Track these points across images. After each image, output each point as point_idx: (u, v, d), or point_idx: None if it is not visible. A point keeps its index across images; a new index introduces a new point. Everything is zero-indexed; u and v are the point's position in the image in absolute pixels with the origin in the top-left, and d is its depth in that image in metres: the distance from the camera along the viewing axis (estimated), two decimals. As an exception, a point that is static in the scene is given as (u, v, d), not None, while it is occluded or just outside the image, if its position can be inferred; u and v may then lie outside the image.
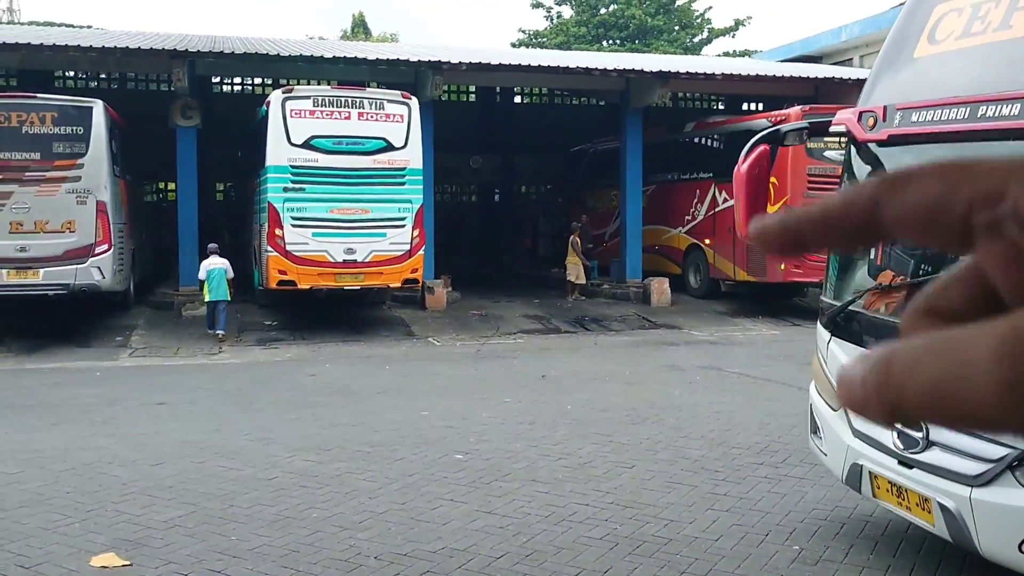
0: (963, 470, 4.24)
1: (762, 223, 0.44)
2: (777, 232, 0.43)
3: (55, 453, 7.42)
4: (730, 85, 20.87)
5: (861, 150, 5.19)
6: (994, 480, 4.13)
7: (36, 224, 13.54)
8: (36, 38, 16.92)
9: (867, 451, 4.83)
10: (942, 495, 4.31)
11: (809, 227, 0.42)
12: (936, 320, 0.42)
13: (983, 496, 4.15)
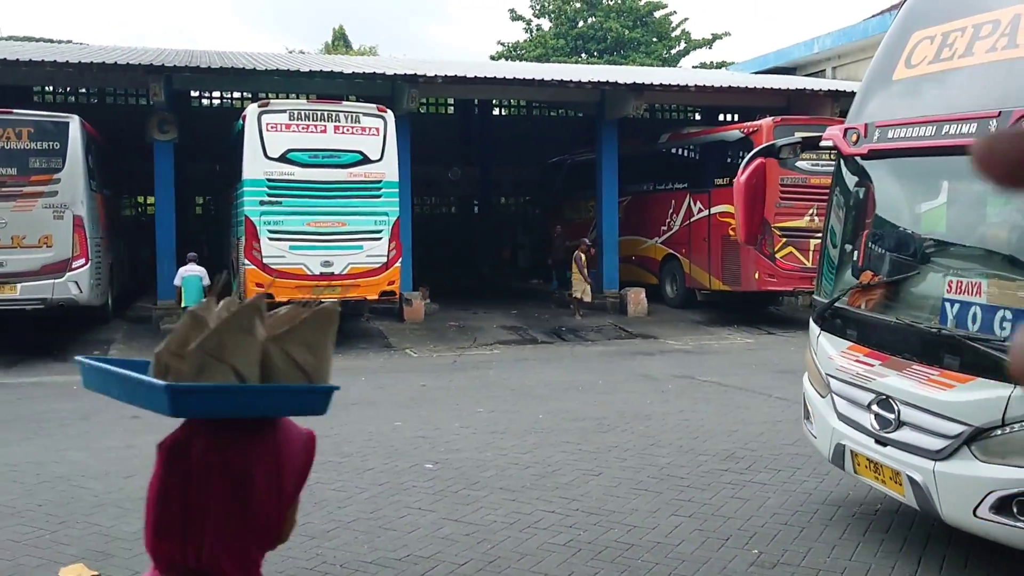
0: (927, 446, 4.77)
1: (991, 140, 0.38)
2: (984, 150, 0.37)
3: (29, 466, 7.47)
4: (704, 96, 21.12)
5: (847, 163, 5.79)
6: (953, 454, 4.63)
7: (13, 239, 13.56)
8: (12, 53, 16.94)
9: (849, 432, 5.39)
10: (911, 469, 4.85)
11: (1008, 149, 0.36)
12: None
13: (944, 468, 4.67)
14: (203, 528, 1.40)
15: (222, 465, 1.42)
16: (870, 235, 5.84)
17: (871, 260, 5.75)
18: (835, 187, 6.05)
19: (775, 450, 7.88)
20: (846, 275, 5.91)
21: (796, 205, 16.01)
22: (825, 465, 7.28)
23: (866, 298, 5.60)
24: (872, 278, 5.62)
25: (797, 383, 10.98)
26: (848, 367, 5.48)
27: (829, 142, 5.79)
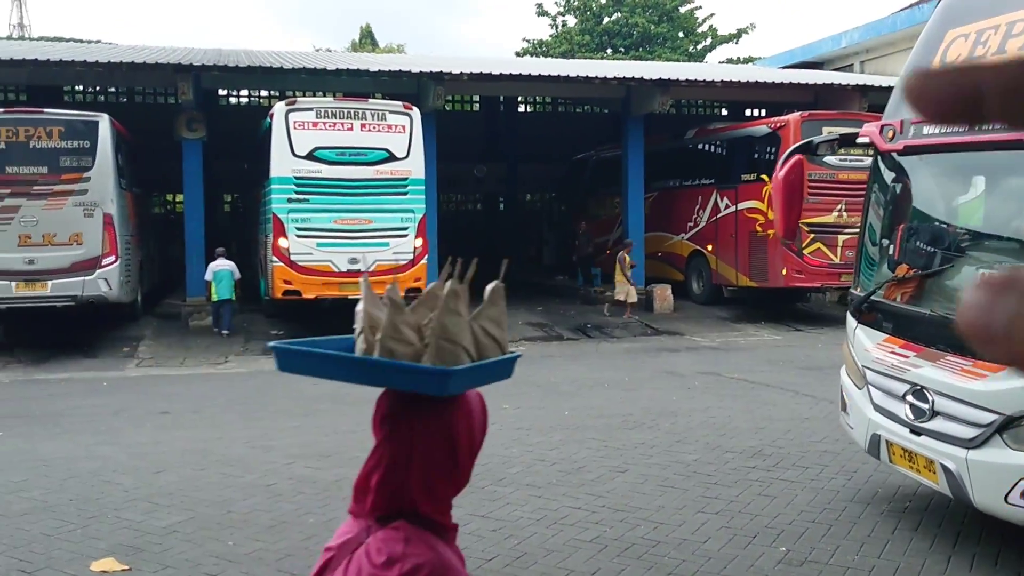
0: (960, 434, 4.92)
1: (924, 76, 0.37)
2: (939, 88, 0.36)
3: (60, 462, 7.56)
4: (730, 92, 20.99)
5: (884, 158, 5.90)
6: (985, 443, 4.79)
7: (44, 237, 13.72)
8: (43, 53, 17.14)
9: (885, 423, 5.53)
10: (944, 457, 5.00)
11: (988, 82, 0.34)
12: None
13: (976, 456, 4.81)
14: (406, 479, 1.74)
15: (442, 428, 1.74)
16: (906, 229, 5.88)
17: (907, 254, 5.84)
18: (872, 183, 6.15)
19: (803, 447, 7.83)
20: (883, 269, 6.01)
21: (824, 201, 15.88)
22: (853, 462, 7.24)
23: (902, 291, 5.69)
24: (908, 272, 5.70)
25: (825, 380, 10.95)
26: (884, 359, 5.55)
27: (865, 138, 5.90)
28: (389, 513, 1.79)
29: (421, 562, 1.73)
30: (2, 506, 6.32)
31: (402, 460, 1.75)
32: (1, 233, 13.56)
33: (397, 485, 1.76)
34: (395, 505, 1.77)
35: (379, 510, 1.79)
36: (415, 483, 1.76)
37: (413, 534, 1.76)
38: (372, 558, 1.76)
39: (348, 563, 1.80)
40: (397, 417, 1.77)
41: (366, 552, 1.78)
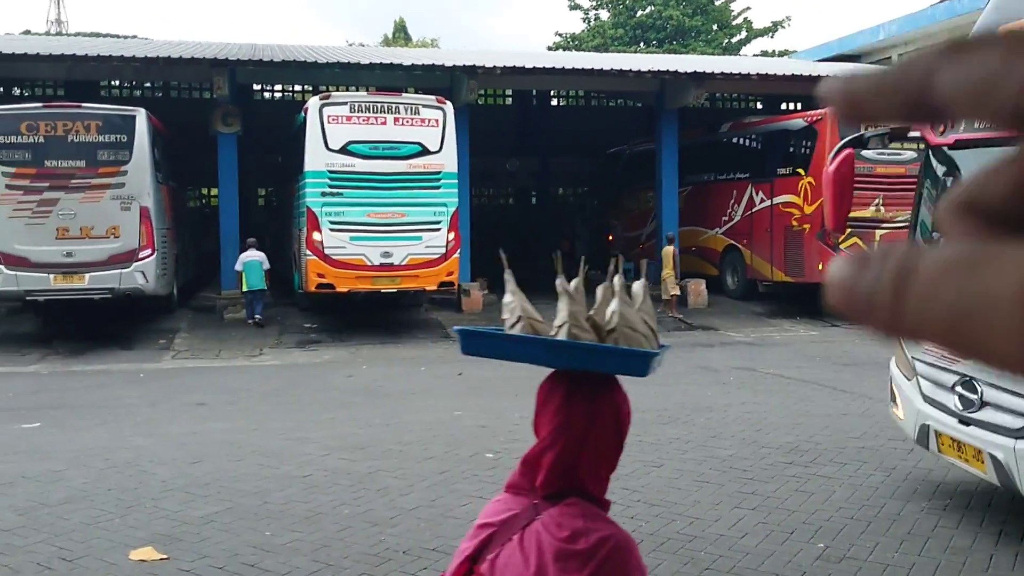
0: (1008, 424, 5.02)
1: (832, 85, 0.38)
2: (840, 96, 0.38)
3: (98, 452, 7.64)
4: (766, 85, 20.79)
5: (935, 153, 5.97)
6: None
7: (82, 230, 13.89)
8: (81, 49, 17.35)
9: (934, 413, 5.65)
10: (992, 447, 5.09)
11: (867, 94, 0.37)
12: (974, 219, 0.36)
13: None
14: (578, 458, 1.86)
15: (613, 411, 1.88)
16: None
17: None
18: (923, 177, 6.19)
19: (840, 443, 7.74)
20: None
21: (861, 195, 15.67)
22: (892, 459, 7.15)
23: None
24: None
25: (862, 376, 10.83)
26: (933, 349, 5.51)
27: (916, 133, 5.98)
28: (557, 492, 1.89)
29: (605, 536, 1.83)
30: (43, 495, 6.40)
31: (577, 442, 1.86)
32: (39, 226, 13.74)
33: (569, 465, 1.87)
34: (564, 484, 1.88)
35: (548, 488, 1.89)
36: (586, 463, 1.87)
37: (588, 510, 1.87)
38: (554, 533, 1.85)
39: (521, 538, 1.89)
40: (576, 401, 1.88)
41: (544, 528, 1.87)
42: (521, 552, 1.89)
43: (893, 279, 0.33)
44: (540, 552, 1.86)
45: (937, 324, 0.31)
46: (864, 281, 0.34)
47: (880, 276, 0.33)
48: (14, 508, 6.10)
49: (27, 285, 13.77)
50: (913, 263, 0.33)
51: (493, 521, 1.97)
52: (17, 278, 13.69)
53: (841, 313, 0.35)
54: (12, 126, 13.76)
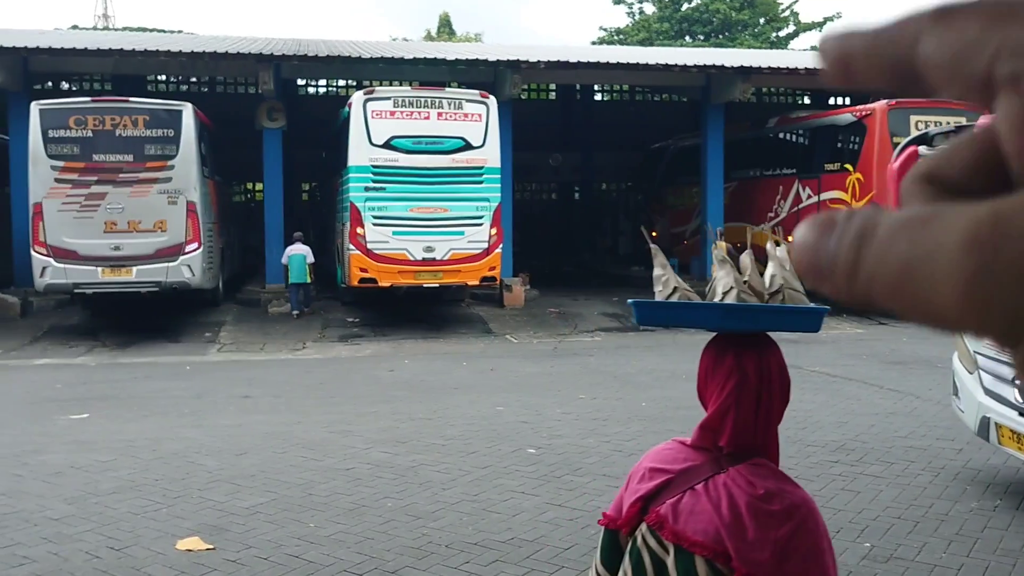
0: None
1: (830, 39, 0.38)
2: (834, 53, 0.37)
3: (145, 443, 7.73)
4: (815, 80, 20.45)
5: None
6: None
7: (129, 224, 14.08)
8: (128, 44, 17.58)
9: (994, 406, 5.78)
10: None
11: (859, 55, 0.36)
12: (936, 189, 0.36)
13: None
14: (755, 415, 1.97)
15: (781, 365, 2.01)
16: None
17: None
18: None
19: (887, 442, 7.61)
20: None
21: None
22: (940, 458, 7.01)
23: None
24: None
25: (909, 375, 10.65)
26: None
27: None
28: (737, 451, 1.99)
29: (798, 501, 1.92)
30: (92, 485, 6.49)
31: (752, 399, 1.97)
32: (88, 220, 13.95)
33: (750, 423, 1.98)
34: (746, 442, 1.98)
35: (732, 448, 1.99)
36: (761, 419, 1.98)
37: (776, 472, 1.97)
38: (746, 489, 1.95)
39: (707, 489, 1.99)
40: (747, 361, 2.00)
41: (733, 482, 1.97)
42: (709, 501, 1.96)
43: (853, 239, 0.33)
44: (733, 504, 1.93)
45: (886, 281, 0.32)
46: (828, 242, 0.34)
47: (842, 237, 0.33)
48: (64, 498, 6.20)
49: (76, 278, 13.99)
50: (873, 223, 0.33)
51: (670, 468, 2.06)
52: (66, 271, 13.92)
53: (805, 275, 0.35)
54: (61, 120, 13.98)
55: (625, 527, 2.09)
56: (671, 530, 1.99)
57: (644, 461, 2.13)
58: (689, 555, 1.96)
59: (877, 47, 0.35)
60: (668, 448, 2.12)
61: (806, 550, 1.91)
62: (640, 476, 2.10)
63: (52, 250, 13.87)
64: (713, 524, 1.94)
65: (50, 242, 13.86)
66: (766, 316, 2.14)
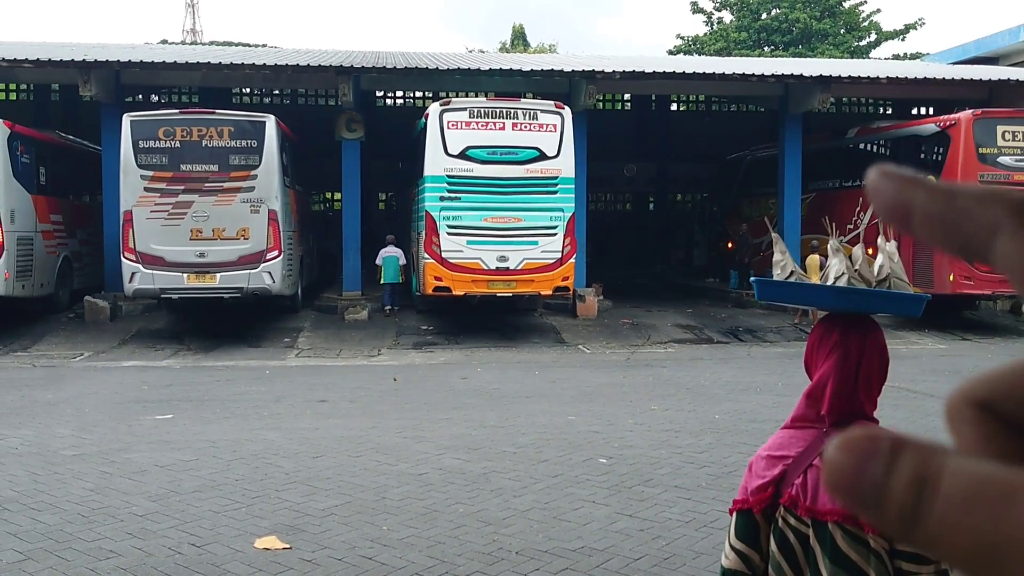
0: None
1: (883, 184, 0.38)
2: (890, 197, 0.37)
3: (226, 444, 7.96)
4: (896, 89, 20.08)
5: None
6: None
7: (214, 231, 14.47)
8: (215, 57, 18.10)
9: None
10: None
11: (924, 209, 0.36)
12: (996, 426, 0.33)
13: None
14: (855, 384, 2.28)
15: (881, 345, 2.32)
16: None
17: None
18: None
19: None
20: None
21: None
22: None
23: None
24: None
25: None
26: None
27: None
28: (841, 418, 2.28)
29: None
30: (175, 483, 6.71)
31: (852, 370, 2.27)
32: (175, 227, 14.39)
33: (850, 391, 2.27)
34: (846, 407, 2.28)
35: (833, 414, 2.28)
36: (862, 388, 2.28)
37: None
38: None
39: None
40: (851, 337, 2.29)
41: None
42: None
43: (910, 483, 0.30)
44: None
45: (963, 549, 0.29)
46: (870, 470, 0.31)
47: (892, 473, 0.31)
48: (148, 495, 6.41)
49: (163, 284, 14.44)
50: (933, 472, 0.30)
51: (788, 454, 2.37)
52: (154, 277, 14.38)
53: (839, 496, 0.32)
54: (151, 132, 14.45)
55: (757, 506, 2.40)
56: (804, 507, 2.30)
57: (761, 452, 2.44)
58: (824, 524, 2.27)
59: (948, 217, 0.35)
60: (779, 437, 2.41)
61: None
62: (762, 464, 2.41)
63: (141, 256, 14.34)
64: None
65: (139, 249, 14.33)
66: (874, 299, 2.41)
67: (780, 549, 2.36)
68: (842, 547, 2.26)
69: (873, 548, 2.25)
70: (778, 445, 2.42)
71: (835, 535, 2.26)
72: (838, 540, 2.26)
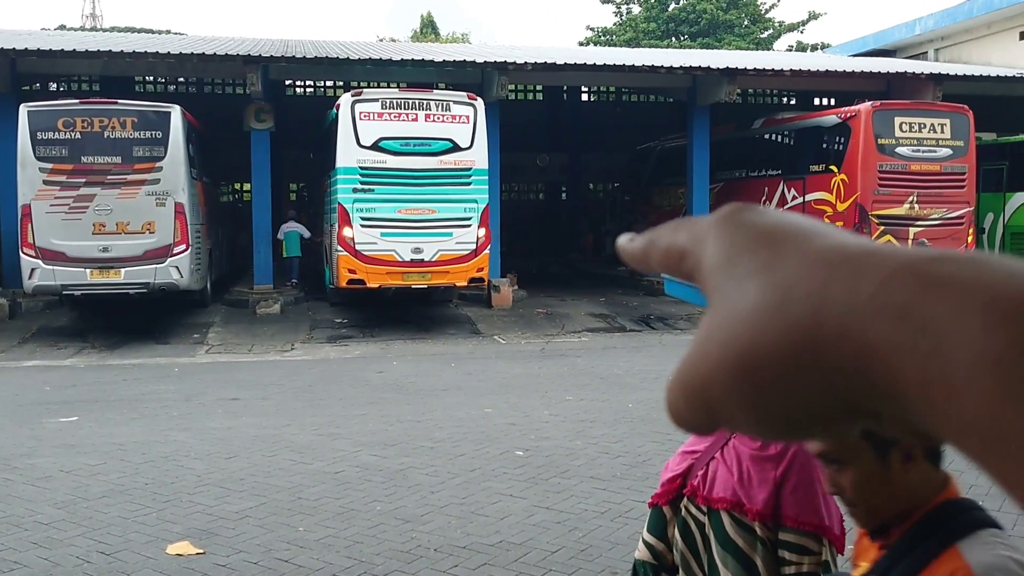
0: None
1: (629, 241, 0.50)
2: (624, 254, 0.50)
3: (134, 446, 7.76)
4: (799, 81, 20.63)
5: None
6: None
7: (118, 225, 14.06)
8: (117, 45, 17.55)
9: None
10: None
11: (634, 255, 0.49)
12: None
13: None
14: None
15: None
16: None
17: None
18: None
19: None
20: None
21: (895, 192, 15.58)
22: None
23: None
24: None
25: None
26: None
27: None
28: None
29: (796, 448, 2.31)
30: (81, 489, 6.52)
31: None
32: (76, 221, 13.93)
33: None
34: None
35: None
36: None
37: None
38: (748, 444, 2.40)
39: (723, 455, 2.44)
40: None
41: (739, 442, 2.43)
42: (724, 465, 2.43)
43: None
44: (739, 461, 2.41)
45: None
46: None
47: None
48: (53, 502, 6.23)
49: (64, 280, 13.97)
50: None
51: (697, 448, 2.54)
52: (55, 272, 13.90)
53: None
54: (49, 122, 13.95)
55: (663, 497, 2.58)
56: (702, 496, 2.46)
57: (678, 449, 2.65)
58: (717, 512, 2.43)
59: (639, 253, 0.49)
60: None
61: (798, 482, 2.36)
62: (676, 460, 2.62)
63: (41, 252, 13.85)
64: (729, 482, 2.42)
65: (39, 244, 13.84)
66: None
67: (683, 537, 2.54)
68: (730, 533, 2.42)
69: (759, 535, 2.40)
70: (692, 441, 2.58)
71: (725, 522, 2.43)
72: (727, 527, 2.42)
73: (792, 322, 0.36)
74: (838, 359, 0.35)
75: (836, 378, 0.35)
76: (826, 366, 0.35)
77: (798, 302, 0.36)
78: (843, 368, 0.35)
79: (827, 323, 0.35)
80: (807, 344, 0.36)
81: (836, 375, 0.35)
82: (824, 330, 0.35)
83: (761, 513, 2.38)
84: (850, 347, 0.34)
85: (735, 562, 2.41)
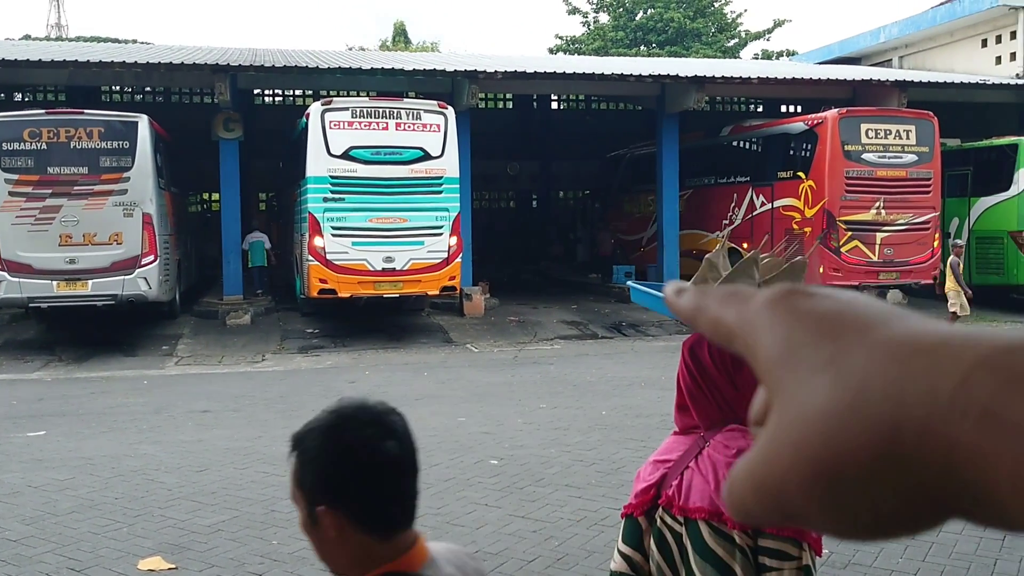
0: None
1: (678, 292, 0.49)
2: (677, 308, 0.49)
3: (104, 460, 7.67)
4: (767, 88, 20.80)
5: None
6: None
7: (85, 236, 13.90)
8: (83, 54, 17.37)
9: None
10: None
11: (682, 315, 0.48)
12: None
13: None
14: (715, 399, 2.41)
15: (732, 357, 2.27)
16: None
17: None
18: None
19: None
20: None
21: (862, 198, 15.75)
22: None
23: None
24: None
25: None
26: None
27: None
28: (713, 424, 2.44)
29: None
30: (50, 504, 6.43)
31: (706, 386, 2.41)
32: (42, 233, 13.76)
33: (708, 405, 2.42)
34: (713, 418, 2.42)
35: (705, 421, 2.45)
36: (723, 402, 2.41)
37: (744, 432, 2.37)
38: (723, 452, 2.40)
39: (697, 464, 2.45)
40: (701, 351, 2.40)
41: (714, 450, 2.43)
42: (700, 474, 2.43)
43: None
44: (715, 470, 2.40)
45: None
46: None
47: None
48: (21, 518, 6.13)
49: (30, 292, 13.79)
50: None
51: (669, 457, 2.53)
52: (20, 285, 13.71)
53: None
54: (15, 133, 13.79)
55: (638, 508, 2.56)
56: (679, 507, 2.44)
57: (650, 458, 2.63)
58: (694, 522, 2.41)
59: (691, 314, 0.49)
60: (666, 443, 2.59)
61: None
62: (648, 470, 2.59)
63: (6, 264, 13.66)
64: (706, 491, 2.40)
65: (4, 256, 13.65)
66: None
67: (659, 548, 2.51)
68: (709, 543, 2.39)
69: (738, 544, 2.38)
70: (664, 450, 2.59)
71: (703, 531, 2.40)
72: (705, 536, 2.40)
73: (869, 425, 0.35)
74: (921, 461, 0.34)
75: (921, 479, 0.35)
76: (909, 468, 0.35)
77: (874, 404, 0.35)
78: (928, 469, 0.34)
79: (907, 425, 0.34)
80: (887, 447, 0.35)
81: (920, 476, 0.35)
82: (904, 433, 0.35)
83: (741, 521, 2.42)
84: (934, 449, 0.34)
85: (714, 571, 2.40)
